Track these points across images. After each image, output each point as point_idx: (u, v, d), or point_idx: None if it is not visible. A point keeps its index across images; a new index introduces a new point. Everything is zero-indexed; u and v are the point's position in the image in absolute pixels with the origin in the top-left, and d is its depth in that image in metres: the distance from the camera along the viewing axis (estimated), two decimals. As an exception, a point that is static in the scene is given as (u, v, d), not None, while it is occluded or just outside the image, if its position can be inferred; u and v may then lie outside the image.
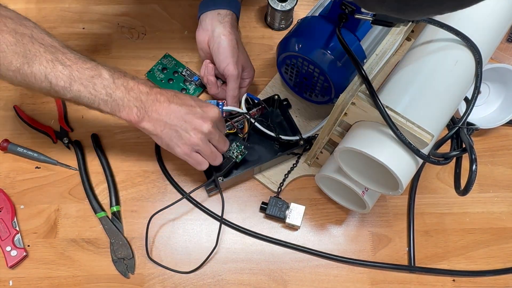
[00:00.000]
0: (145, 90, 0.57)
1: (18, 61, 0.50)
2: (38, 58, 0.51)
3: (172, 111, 0.57)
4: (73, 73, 0.53)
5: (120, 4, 0.84)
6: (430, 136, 0.48)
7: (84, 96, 0.54)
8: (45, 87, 0.53)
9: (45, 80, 0.52)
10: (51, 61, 0.52)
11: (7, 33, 0.50)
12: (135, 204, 0.70)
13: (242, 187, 0.71)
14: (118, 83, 0.55)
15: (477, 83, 0.52)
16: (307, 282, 0.66)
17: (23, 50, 0.51)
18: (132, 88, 0.56)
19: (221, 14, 0.68)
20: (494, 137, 0.76)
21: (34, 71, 0.51)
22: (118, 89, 0.55)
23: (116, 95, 0.55)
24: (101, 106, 0.55)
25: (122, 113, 0.56)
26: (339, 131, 0.59)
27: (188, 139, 0.58)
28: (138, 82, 0.57)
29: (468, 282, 0.67)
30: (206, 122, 0.59)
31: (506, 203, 0.72)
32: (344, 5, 0.56)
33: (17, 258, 0.65)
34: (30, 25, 0.53)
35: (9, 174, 0.70)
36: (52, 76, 0.52)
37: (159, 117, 0.57)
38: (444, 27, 0.52)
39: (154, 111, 0.57)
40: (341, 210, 0.70)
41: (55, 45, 0.53)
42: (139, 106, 0.56)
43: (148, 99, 0.57)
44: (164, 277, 0.65)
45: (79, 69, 0.53)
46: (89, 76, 0.54)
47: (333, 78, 0.62)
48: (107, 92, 0.55)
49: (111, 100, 0.55)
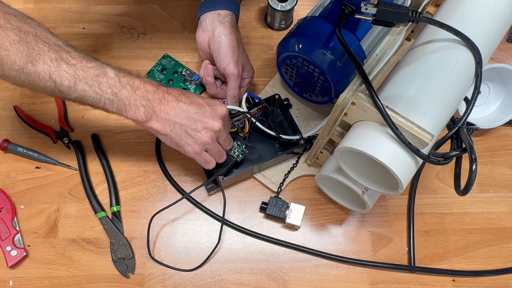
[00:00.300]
0: (151, 88, 0.56)
1: (22, 60, 0.49)
2: (42, 57, 0.50)
3: (181, 110, 0.57)
4: (78, 72, 0.52)
5: (120, 4, 0.84)
6: (430, 136, 0.48)
7: (89, 95, 0.53)
8: (49, 87, 0.52)
9: (49, 80, 0.51)
10: (55, 60, 0.51)
11: (10, 30, 0.49)
12: (135, 204, 0.70)
13: (242, 187, 0.71)
14: (123, 82, 0.54)
15: (477, 83, 0.52)
16: (307, 282, 0.66)
17: (27, 48, 0.50)
18: (138, 86, 0.55)
19: (221, 15, 0.68)
20: (494, 137, 0.76)
21: (38, 70, 0.50)
22: (124, 88, 0.54)
23: (122, 94, 0.54)
24: (106, 105, 0.54)
25: (129, 113, 0.55)
26: (339, 131, 0.59)
27: (199, 138, 0.58)
28: (144, 80, 0.56)
29: (468, 282, 0.67)
30: (216, 121, 0.59)
31: (506, 203, 0.72)
32: (344, 5, 0.56)
33: (17, 258, 0.65)
34: (33, 23, 0.52)
35: (9, 174, 0.70)
36: (56, 75, 0.51)
37: (167, 116, 0.57)
38: (444, 27, 0.52)
39: (162, 110, 0.56)
40: (341, 210, 0.70)
41: (59, 44, 0.53)
42: (146, 105, 0.55)
43: (155, 98, 0.56)
44: (164, 277, 0.65)
45: (84, 68, 0.52)
46: (94, 75, 0.53)
47: (333, 78, 0.62)
48: (112, 91, 0.54)
49: (117, 99, 0.54)
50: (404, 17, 0.51)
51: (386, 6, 0.50)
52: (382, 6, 0.49)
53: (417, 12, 0.51)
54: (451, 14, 0.57)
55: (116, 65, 0.56)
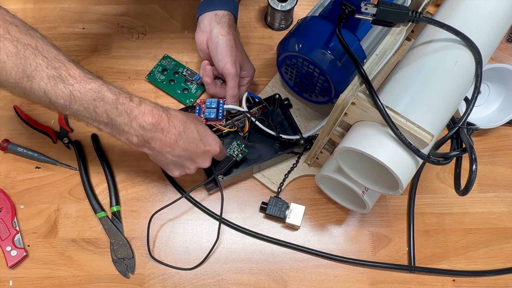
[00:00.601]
0: (149, 121, 0.54)
1: (18, 75, 0.48)
2: (39, 73, 0.48)
3: (175, 152, 0.58)
4: (75, 93, 0.50)
5: (120, 4, 0.84)
6: (430, 136, 0.48)
7: (84, 116, 0.52)
8: (44, 102, 0.50)
9: (44, 96, 0.50)
10: (52, 78, 0.49)
11: (9, 41, 0.47)
12: (135, 204, 0.70)
13: (242, 187, 0.71)
14: (121, 110, 0.52)
15: (477, 83, 0.52)
16: (307, 282, 0.66)
17: (23, 63, 0.47)
18: (136, 117, 0.53)
19: (218, 15, 0.69)
20: (494, 137, 0.76)
21: (34, 86, 0.49)
22: (120, 116, 0.53)
23: (117, 121, 0.53)
24: (100, 126, 0.54)
25: (122, 137, 0.55)
26: (339, 131, 0.59)
27: (185, 169, 0.62)
28: (143, 111, 0.54)
29: (468, 282, 0.67)
30: (206, 160, 0.62)
31: (506, 203, 0.72)
32: (344, 5, 0.56)
33: (17, 258, 0.65)
34: (36, 35, 0.50)
35: (9, 174, 0.70)
36: (52, 93, 0.49)
37: (161, 150, 0.57)
38: (444, 27, 0.52)
39: (157, 145, 0.56)
40: (341, 210, 0.70)
41: (60, 59, 0.50)
42: (140, 136, 0.55)
43: (151, 134, 0.55)
44: (164, 277, 0.65)
45: (81, 89, 0.50)
46: (91, 98, 0.51)
47: (333, 78, 0.62)
48: (108, 116, 0.52)
49: (111, 124, 0.53)
50: (404, 17, 0.51)
51: (386, 6, 0.50)
52: (382, 6, 0.49)
53: (417, 12, 0.51)
54: (451, 14, 0.57)
55: (118, 87, 0.54)
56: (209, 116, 0.67)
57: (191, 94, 0.76)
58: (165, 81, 0.77)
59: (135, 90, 0.73)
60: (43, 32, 0.52)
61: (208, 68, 0.71)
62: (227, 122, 0.69)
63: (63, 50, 0.52)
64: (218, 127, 0.68)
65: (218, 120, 0.68)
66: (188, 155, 0.59)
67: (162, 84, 0.76)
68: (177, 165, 0.61)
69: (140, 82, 0.77)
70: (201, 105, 0.69)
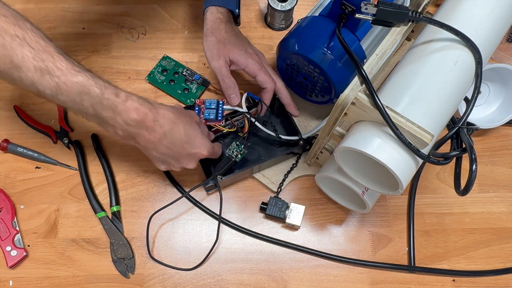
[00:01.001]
0: (133, 118, 0.54)
1: (6, 65, 0.48)
2: (26, 64, 0.49)
3: (159, 149, 0.58)
4: (60, 85, 0.50)
5: (120, 4, 0.84)
6: (430, 136, 0.48)
7: (71, 107, 0.53)
8: (33, 91, 0.51)
9: (32, 86, 0.50)
10: (39, 70, 0.49)
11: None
12: (135, 204, 0.70)
13: (242, 187, 0.71)
14: (106, 104, 0.52)
15: (477, 83, 0.52)
16: (307, 282, 0.66)
17: (10, 54, 0.48)
18: (120, 113, 0.53)
19: (210, 12, 0.68)
20: (494, 137, 0.76)
21: (22, 76, 0.49)
22: (105, 110, 0.53)
23: (103, 115, 0.53)
24: (88, 117, 0.54)
25: (109, 129, 0.56)
26: (339, 131, 0.59)
27: (171, 167, 0.62)
28: (129, 107, 0.53)
29: (468, 282, 0.67)
30: (191, 162, 0.61)
31: (506, 203, 0.72)
32: (344, 5, 0.56)
33: (17, 258, 0.65)
34: (26, 26, 0.50)
35: (9, 174, 0.70)
36: (39, 84, 0.50)
37: (146, 146, 0.57)
38: (444, 27, 0.52)
39: (141, 141, 0.57)
40: (341, 210, 0.70)
41: (48, 51, 0.50)
42: (125, 130, 0.55)
43: (136, 130, 0.55)
44: (164, 277, 0.65)
45: (68, 82, 0.50)
46: (77, 91, 0.51)
47: (333, 78, 0.62)
48: (94, 109, 0.53)
49: (97, 116, 0.54)
50: (404, 17, 0.51)
51: (386, 6, 0.50)
52: (382, 6, 0.49)
53: (417, 12, 0.51)
54: (451, 14, 0.57)
55: (105, 80, 0.54)
56: (209, 117, 0.68)
57: (191, 93, 0.76)
58: (165, 82, 0.77)
59: (135, 90, 0.73)
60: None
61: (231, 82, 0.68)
62: (227, 123, 0.69)
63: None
64: (217, 128, 0.68)
65: (217, 121, 0.68)
66: (173, 154, 0.59)
67: (163, 84, 0.76)
68: (162, 161, 0.61)
69: (140, 82, 0.77)
70: (200, 106, 0.69)
